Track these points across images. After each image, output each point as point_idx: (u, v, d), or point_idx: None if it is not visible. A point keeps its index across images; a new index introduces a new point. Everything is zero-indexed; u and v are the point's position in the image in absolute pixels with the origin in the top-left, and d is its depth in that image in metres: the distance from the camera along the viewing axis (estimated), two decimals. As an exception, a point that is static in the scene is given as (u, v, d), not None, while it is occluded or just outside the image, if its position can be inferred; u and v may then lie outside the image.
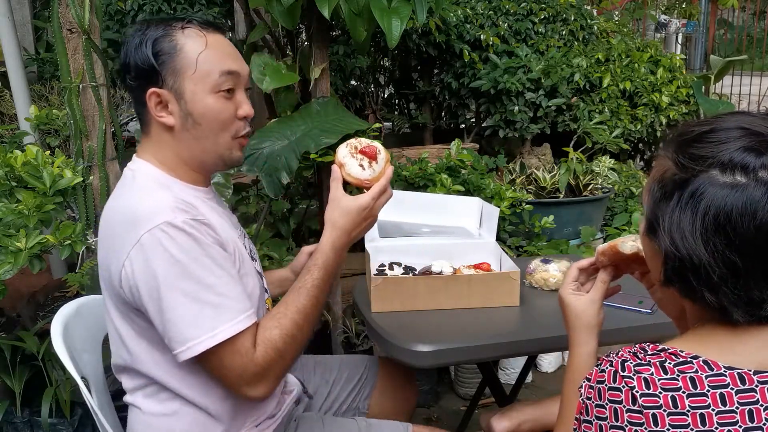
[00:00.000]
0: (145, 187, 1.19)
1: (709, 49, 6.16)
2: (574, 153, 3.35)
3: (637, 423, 0.76)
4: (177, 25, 1.19)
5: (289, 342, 1.15)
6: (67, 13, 2.05)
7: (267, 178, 2.16)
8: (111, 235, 1.15)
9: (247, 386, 1.13)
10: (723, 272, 0.76)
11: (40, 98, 2.85)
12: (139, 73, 1.18)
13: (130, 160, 1.27)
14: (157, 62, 1.16)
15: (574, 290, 1.15)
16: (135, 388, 1.25)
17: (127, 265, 1.09)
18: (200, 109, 1.18)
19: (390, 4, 2.13)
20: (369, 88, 4.07)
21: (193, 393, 1.19)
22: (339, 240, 1.23)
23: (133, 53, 1.18)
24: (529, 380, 2.81)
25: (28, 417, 2.05)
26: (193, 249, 1.09)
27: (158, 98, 1.18)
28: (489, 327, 1.51)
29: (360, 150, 1.27)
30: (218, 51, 1.20)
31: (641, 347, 0.81)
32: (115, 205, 1.19)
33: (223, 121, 1.20)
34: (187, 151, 1.22)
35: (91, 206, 2.18)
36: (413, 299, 1.56)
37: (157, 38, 1.17)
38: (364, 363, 1.66)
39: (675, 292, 0.84)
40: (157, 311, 1.09)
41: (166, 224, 1.08)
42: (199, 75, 1.17)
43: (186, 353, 1.09)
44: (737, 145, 0.77)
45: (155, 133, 1.22)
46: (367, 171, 1.26)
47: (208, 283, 1.09)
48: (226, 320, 1.09)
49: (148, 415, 1.23)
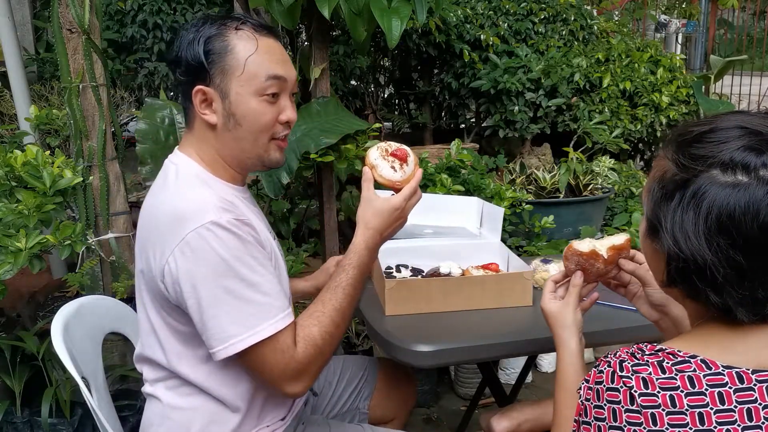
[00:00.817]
0: (188, 184, 1.20)
1: (709, 49, 6.15)
2: (574, 153, 3.35)
3: (635, 423, 0.76)
4: (231, 25, 1.20)
5: (328, 339, 1.18)
6: (67, 13, 2.05)
7: (267, 178, 2.16)
8: (154, 230, 1.16)
9: (288, 383, 1.14)
10: (728, 272, 0.76)
11: (40, 98, 2.85)
12: (188, 68, 1.19)
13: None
14: (207, 60, 1.18)
15: (551, 299, 1.19)
16: (156, 380, 1.26)
17: (171, 262, 1.10)
18: (243, 111, 1.19)
19: (390, 4, 2.13)
20: (369, 88, 4.07)
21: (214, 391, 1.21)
22: (372, 240, 1.26)
23: (185, 49, 1.19)
24: (529, 380, 2.81)
25: (28, 417, 2.06)
26: (237, 248, 1.10)
27: (204, 96, 1.20)
28: (489, 327, 1.51)
29: (391, 153, 1.31)
30: (268, 55, 1.21)
31: (639, 347, 0.81)
32: (158, 201, 1.20)
33: (264, 124, 1.21)
34: (227, 149, 1.23)
35: (91, 206, 2.18)
36: (427, 302, 1.56)
37: (210, 36, 1.18)
38: (364, 364, 1.66)
39: (678, 292, 0.84)
40: (198, 308, 1.10)
41: (211, 223, 1.09)
42: (246, 77, 1.18)
43: (228, 350, 1.10)
44: (737, 144, 0.77)
45: (198, 129, 1.24)
46: (398, 173, 1.29)
47: (252, 281, 1.11)
48: (269, 318, 1.11)
49: (167, 408, 1.24)
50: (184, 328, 1.17)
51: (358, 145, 2.35)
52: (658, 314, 1.17)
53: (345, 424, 1.48)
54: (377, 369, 1.66)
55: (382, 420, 1.63)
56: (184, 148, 1.26)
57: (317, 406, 1.55)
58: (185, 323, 1.16)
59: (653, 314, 1.18)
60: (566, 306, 1.16)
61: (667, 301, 1.15)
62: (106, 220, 2.22)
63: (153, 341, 1.23)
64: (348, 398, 1.60)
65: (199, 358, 1.19)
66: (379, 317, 1.55)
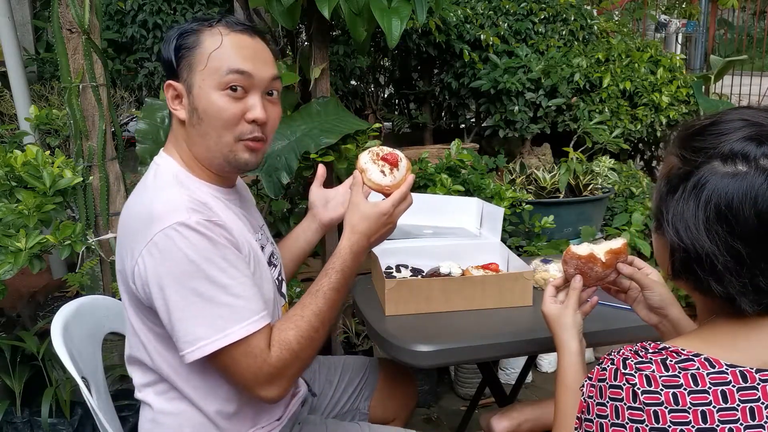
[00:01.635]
0: (163, 184, 1.19)
1: (709, 49, 6.16)
2: (574, 153, 3.35)
3: (638, 420, 0.76)
4: (207, 23, 1.21)
5: (305, 344, 1.15)
6: (67, 13, 2.05)
7: (267, 178, 2.16)
8: (127, 232, 1.16)
9: (261, 387, 1.12)
10: (727, 260, 0.77)
11: (40, 98, 2.84)
12: (164, 65, 1.23)
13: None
14: (176, 56, 1.19)
15: (551, 302, 1.20)
16: (145, 384, 1.25)
17: (140, 263, 1.10)
18: (204, 105, 1.18)
19: (390, 4, 2.13)
20: (369, 88, 4.07)
21: (196, 394, 1.19)
22: (357, 244, 1.24)
23: (164, 46, 1.22)
24: (529, 380, 2.81)
25: (28, 417, 2.05)
26: (206, 249, 1.09)
27: (175, 91, 1.21)
28: (489, 327, 1.51)
29: (381, 157, 1.29)
30: (235, 50, 1.18)
31: (642, 345, 0.81)
32: (133, 202, 1.20)
33: (226, 120, 1.18)
34: (195, 147, 1.22)
35: (91, 206, 2.18)
36: (427, 302, 1.56)
37: (183, 32, 1.20)
38: (365, 364, 1.66)
39: (685, 285, 0.84)
40: (167, 310, 1.09)
41: (179, 224, 1.08)
42: (208, 71, 1.17)
43: (195, 353, 1.08)
44: (738, 135, 0.78)
45: (174, 126, 1.25)
46: (387, 177, 1.28)
47: (222, 283, 1.09)
48: (240, 320, 1.09)
49: (157, 413, 1.23)
50: (160, 329, 1.16)
51: (358, 145, 2.35)
52: (658, 317, 1.18)
53: (342, 423, 1.47)
54: (378, 369, 1.66)
55: (382, 420, 1.63)
56: (167, 148, 1.26)
57: (317, 406, 1.55)
58: (160, 325, 1.14)
59: (653, 318, 1.19)
60: (566, 309, 1.17)
61: (666, 303, 1.16)
62: (106, 220, 2.21)
63: (136, 342, 1.22)
64: (348, 398, 1.60)
65: (177, 359, 1.16)
66: (379, 317, 1.55)
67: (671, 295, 1.17)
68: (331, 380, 1.59)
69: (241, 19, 1.27)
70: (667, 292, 1.17)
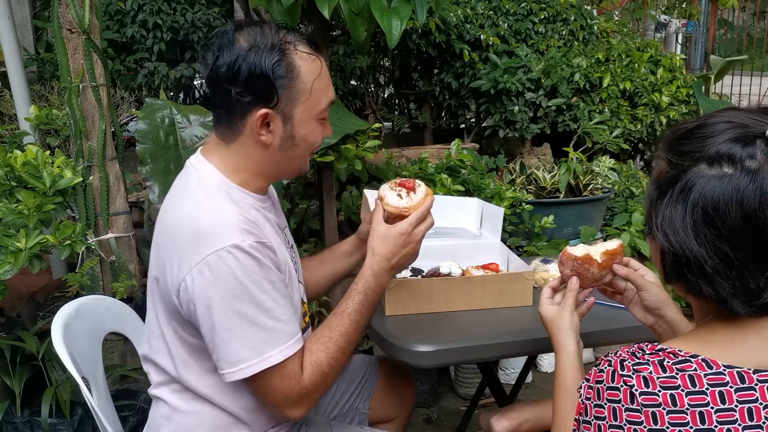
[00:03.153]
0: (209, 194, 1.17)
1: (709, 49, 6.16)
2: (574, 153, 3.35)
3: (635, 422, 0.76)
4: (290, 44, 1.15)
5: (333, 365, 1.19)
6: (67, 13, 2.05)
7: (267, 178, 2.16)
8: (173, 242, 1.15)
9: (290, 408, 1.16)
10: (716, 263, 0.77)
11: (40, 98, 2.84)
12: (251, 89, 1.13)
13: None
14: (276, 84, 1.13)
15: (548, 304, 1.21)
16: (162, 383, 1.27)
17: (188, 280, 1.10)
18: (303, 134, 1.20)
19: (390, 4, 2.13)
20: (369, 88, 4.07)
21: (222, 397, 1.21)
22: (378, 266, 1.27)
23: (248, 67, 1.12)
24: (529, 380, 2.80)
25: (28, 417, 2.05)
26: (256, 272, 1.11)
27: (265, 118, 1.16)
28: (489, 327, 1.51)
29: (399, 183, 1.34)
30: (326, 79, 1.21)
31: (639, 347, 0.81)
32: (178, 208, 1.18)
33: (316, 144, 1.24)
34: (272, 166, 1.23)
35: (91, 206, 2.18)
36: (427, 301, 1.56)
37: (277, 61, 1.13)
38: (365, 364, 1.67)
39: (679, 288, 0.85)
40: (211, 329, 1.11)
41: (233, 246, 1.09)
42: (311, 103, 1.18)
43: (237, 374, 1.11)
44: (723, 137, 0.79)
45: (243, 145, 1.19)
46: (404, 200, 1.31)
47: (266, 306, 1.11)
48: (279, 344, 1.12)
49: (173, 411, 1.25)
50: (195, 340, 1.18)
51: (358, 145, 2.35)
52: (654, 318, 1.18)
53: (347, 426, 1.48)
54: (377, 369, 1.66)
55: (382, 420, 1.63)
56: (210, 156, 1.23)
57: (318, 406, 1.55)
58: (196, 336, 1.17)
59: (649, 318, 1.19)
60: (563, 310, 1.17)
61: (662, 304, 1.16)
62: (106, 220, 2.21)
63: (161, 346, 1.23)
64: (348, 398, 1.60)
65: (205, 369, 1.20)
66: (379, 317, 1.55)
67: (667, 295, 1.17)
68: (331, 380, 1.59)
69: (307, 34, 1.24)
70: (662, 292, 1.17)
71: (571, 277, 1.19)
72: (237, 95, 1.14)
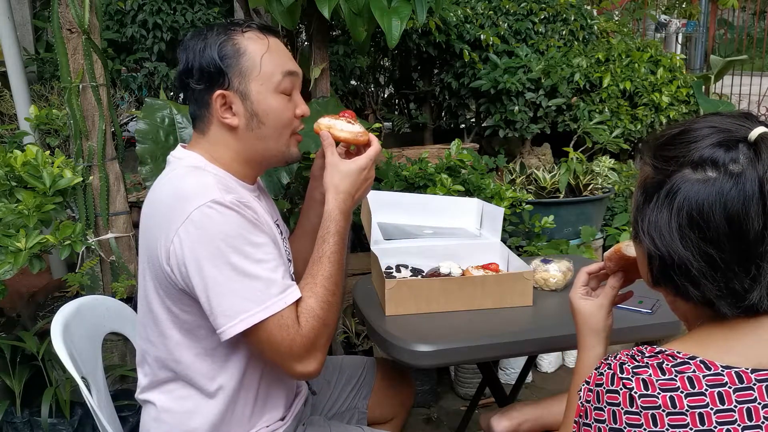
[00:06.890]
0: (187, 170, 1.21)
1: (709, 49, 6.15)
2: (574, 153, 3.35)
3: (635, 424, 0.76)
4: (237, 29, 1.22)
5: (326, 308, 1.18)
6: (67, 13, 2.05)
7: (267, 179, 2.16)
8: (156, 215, 1.17)
9: (299, 361, 1.14)
10: (701, 265, 0.78)
11: (40, 98, 2.85)
12: (203, 75, 1.20)
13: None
14: (223, 65, 1.19)
15: (583, 294, 1.15)
16: (151, 385, 1.26)
17: (176, 241, 1.11)
18: (265, 109, 1.22)
19: (390, 4, 2.13)
20: (369, 88, 4.07)
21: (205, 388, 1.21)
22: (344, 203, 1.26)
23: (198, 57, 1.20)
24: (529, 380, 2.81)
25: (28, 417, 2.05)
26: (241, 226, 1.12)
27: (224, 99, 1.21)
28: (489, 327, 1.51)
29: (340, 114, 1.36)
30: (279, 53, 1.24)
31: (639, 350, 0.82)
32: (161, 191, 1.21)
33: (287, 120, 1.25)
34: (249, 150, 1.25)
35: (91, 206, 2.18)
36: (427, 302, 1.56)
37: (222, 42, 1.20)
38: (363, 363, 1.67)
39: (666, 292, 0.85)
40: (204, 287, 1.10)
41: (214, 201, 1.10)
42: (264, 76, 1.21)
43: (237, 326, 1.09)
44: (707, 142, 0.80)
45: (215, 133, 1.24)
46: (356, 125, 1.32)
47: (257, 258, 1.12)
48: (276, 293, 1.12)
49: (162, 412, 1.24)
50: (188, 317, 1.17)
51: (358, 145, 2.34)
52: None
53: (346, 426, 1.48)
54: (375, 369, 1.67)
55: (380, 420, 1.63)
56: (191, 148, 1.27)
57: (316, 405, 1.55)
58: (190, 311, 1.16)
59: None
60: (600, 309, 1.12)
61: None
62: (106, 220, 2.21)
63: (154, 334, 1.22)
64: (347, 397, 1.60)
65: (199, 349, 1.19)
66: (379, 317, 1.55)
67: None
68: (329, 380, 1.59)
69: (261, 20, 1.30)
70: None
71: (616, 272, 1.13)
72: (194, 84, 1.21)
